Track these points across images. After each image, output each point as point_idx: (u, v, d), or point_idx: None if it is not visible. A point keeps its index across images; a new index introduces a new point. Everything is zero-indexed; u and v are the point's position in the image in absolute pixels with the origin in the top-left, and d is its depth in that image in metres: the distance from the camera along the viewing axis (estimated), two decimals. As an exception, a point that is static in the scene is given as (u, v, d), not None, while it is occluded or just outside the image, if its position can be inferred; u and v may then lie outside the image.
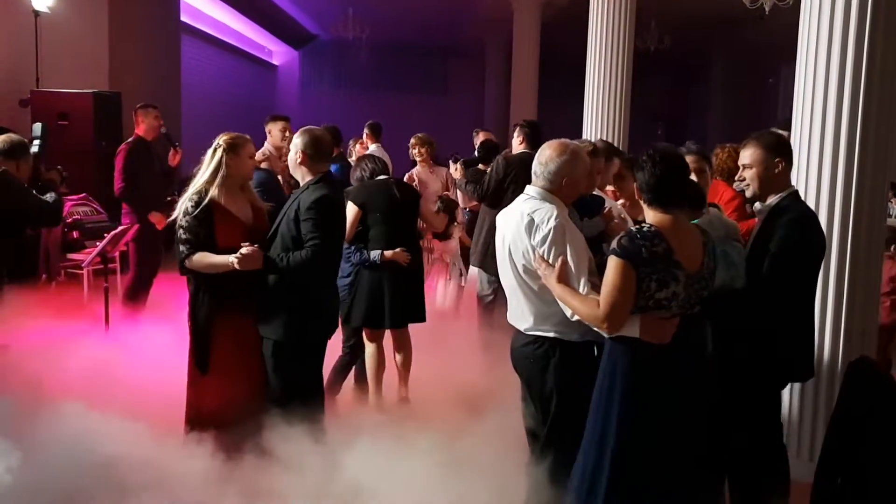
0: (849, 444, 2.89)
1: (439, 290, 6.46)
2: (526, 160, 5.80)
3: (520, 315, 3.26)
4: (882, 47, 3.89)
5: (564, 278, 2.98)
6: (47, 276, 7.67)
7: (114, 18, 10.26)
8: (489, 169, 6.03)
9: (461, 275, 6.68)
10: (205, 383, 3.75)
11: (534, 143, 5.92)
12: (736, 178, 3.41)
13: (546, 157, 3.22)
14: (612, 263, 2.76)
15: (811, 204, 4.05)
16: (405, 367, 4.97)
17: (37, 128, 6.87)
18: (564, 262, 3.01)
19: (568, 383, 3.16)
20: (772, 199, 3.26)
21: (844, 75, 3.92)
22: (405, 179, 7.04)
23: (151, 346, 5.42)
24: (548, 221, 3.07)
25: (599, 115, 8.15)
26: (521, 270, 3.20)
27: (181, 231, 3.68)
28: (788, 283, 3.13)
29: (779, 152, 3.25)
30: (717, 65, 21.14)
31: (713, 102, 21.32)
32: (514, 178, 5.62)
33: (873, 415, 2.83)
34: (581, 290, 2.98)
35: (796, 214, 3.18)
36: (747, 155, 3.29)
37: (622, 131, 8.11)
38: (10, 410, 3.83)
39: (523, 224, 3.14)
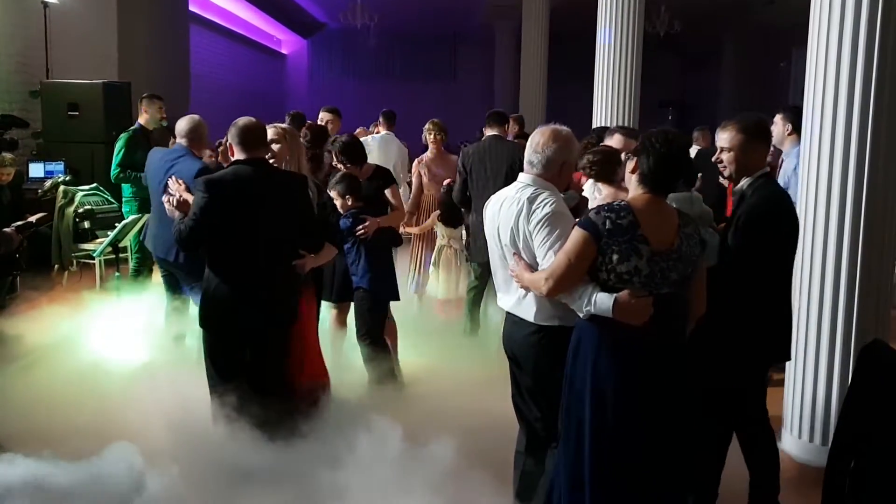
0: (862, 428, 2.88)
1: (431, 278, 6.51)
2: (480, 148, 5.92)
3: (522, 305, 3.15)
4: (895, 28, 3.84)
5: (530, 269, 2.99)
6: (59, 265, 7.72)
7: (123, 8, 10.26)
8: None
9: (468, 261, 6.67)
10: None
11: (494, 124, 6.09)
12: (713, 159, 3.44)
13: (542, 144, 3.12)
14: (573, 233, 2.81)
15: (823, 188, 4.03)
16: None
17: None
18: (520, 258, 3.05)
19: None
20: (744, 182, 3.30)
21: (857, 58, 3.88)
22: (415, 165, 7.05)
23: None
24: (545, 206, 3.01)
25: (609, 100, 8.11)
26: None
27: None
28: (752, 257, 3.16)
29: (757, 137, 3.31)
30: (727, 49, 20.98)
31: (724, 87, 21.15)
32: (472, 168, 5.80)
33: (886, 399, 2.82)
34: None
35: (760, 193, 3.23)
36: (726, 138, 3.32)
37: (632, 116, 8.08)
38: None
39: (523, 211, 3.04)
